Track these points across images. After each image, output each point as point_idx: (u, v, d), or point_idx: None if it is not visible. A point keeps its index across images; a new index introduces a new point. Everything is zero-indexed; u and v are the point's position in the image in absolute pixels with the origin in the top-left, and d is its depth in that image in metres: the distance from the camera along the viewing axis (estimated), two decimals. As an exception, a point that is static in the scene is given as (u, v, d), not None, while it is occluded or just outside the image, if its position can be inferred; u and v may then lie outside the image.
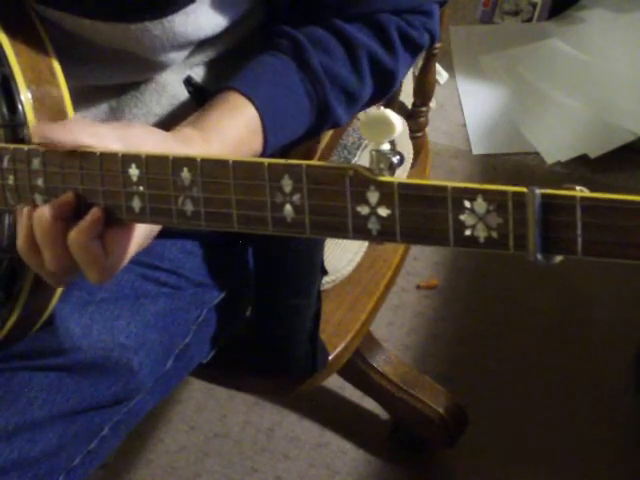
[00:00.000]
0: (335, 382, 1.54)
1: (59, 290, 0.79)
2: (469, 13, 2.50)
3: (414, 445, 1.50)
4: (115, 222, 0.66)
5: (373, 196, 0.55)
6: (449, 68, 2.30)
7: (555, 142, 2.09)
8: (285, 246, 0.99)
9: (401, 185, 0.54)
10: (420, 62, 1.32)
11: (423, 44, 0.89)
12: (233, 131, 0.77)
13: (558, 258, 0.50)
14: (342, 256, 1.19)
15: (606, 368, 1.61)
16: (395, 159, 0.55)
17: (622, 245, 0.47)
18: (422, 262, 1.82)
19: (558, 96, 2.19)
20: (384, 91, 0.90)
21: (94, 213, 0.66)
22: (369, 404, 1.54)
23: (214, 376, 1.20)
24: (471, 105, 2.22)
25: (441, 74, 2.25)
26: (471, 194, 0.51)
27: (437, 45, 1.27)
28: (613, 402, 1.56)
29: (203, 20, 0.81)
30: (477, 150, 2.11)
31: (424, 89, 1.33)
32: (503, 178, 2.03)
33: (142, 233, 0.68)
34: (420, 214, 0.53)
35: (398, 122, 0.55)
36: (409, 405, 1.44)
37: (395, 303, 1.73)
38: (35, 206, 0.69)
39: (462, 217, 0.52)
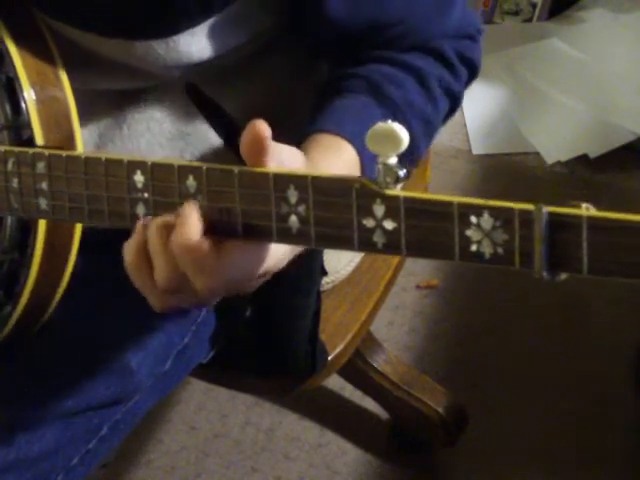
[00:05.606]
0: (335, 382, 1.54)
1: (60, 291, 0.79)
2: (469, 13, 2.50)
3: (414, 445, 1.50)
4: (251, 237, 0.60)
5: (379, 209, 0.54)
6: (449, 68, 2.30)
7: (555, 142, 2.09)
8: (284, 246, 0.99)
9: (407, 199, 0.53)
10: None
11: (478, 65, 0.89)
12: (339, 170, 0.72)
13: (563, 275, 0.50)
14: (342, 256, 1.19)
15: (606, 368, 1.61)
16: (402, 173, 0.55)
17: (628, 264, 0.47)
18: (422, 262, 1.82)
19: (558, 96, 2.19)
20: (451, 114, 0.89)
21: (187, 206, 0.61)
22: (369, 404, 1.54)
23: (214, 376, 1.20)
24: (471, 105, 2.22)
25: (441, 74, 2.25)
26: (477, 209, 0.51)
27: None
28: (613, 402, 1.56)
29: (208, 42, 0.80)
30: (477, 150, 2.11)
31: (424, 89, 1.33)
32: (503, 178, 2.03)
33: (273, 255, 0.63)
34: (426, 228, 0.53)
35: (405, 136, 0.55)
36: (409, 405, 1.44)
37: (395, 303, 1.73)
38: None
39: (468, 232, 0.51)
